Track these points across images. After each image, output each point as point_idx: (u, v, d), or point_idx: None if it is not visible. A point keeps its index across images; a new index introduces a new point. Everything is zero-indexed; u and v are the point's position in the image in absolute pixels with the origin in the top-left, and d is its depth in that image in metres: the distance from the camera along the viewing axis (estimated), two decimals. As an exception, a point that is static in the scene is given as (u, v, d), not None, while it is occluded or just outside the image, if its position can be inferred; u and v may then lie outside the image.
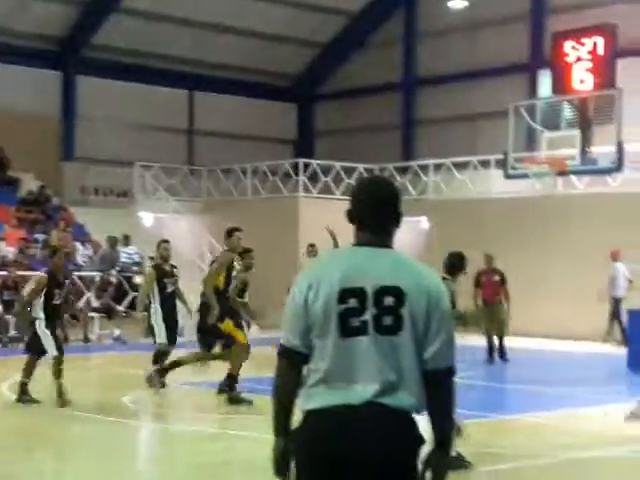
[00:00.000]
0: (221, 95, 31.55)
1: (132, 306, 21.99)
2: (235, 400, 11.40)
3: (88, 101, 28.88)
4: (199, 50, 30.16)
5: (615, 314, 20.25)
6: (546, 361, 18.99)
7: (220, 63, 30.90)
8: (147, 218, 26.81)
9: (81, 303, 21.06)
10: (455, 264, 8.78)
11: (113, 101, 29.29)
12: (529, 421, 10.95)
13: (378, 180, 3.83)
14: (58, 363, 11.20)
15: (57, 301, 11.48)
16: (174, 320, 13.37)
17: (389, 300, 3.49)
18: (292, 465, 3.60)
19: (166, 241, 13.69)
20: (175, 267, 13.61)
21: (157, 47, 29.46)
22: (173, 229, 26.38)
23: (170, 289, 13.25)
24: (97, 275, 21.96)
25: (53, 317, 11.47)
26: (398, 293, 3.49)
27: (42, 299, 11.31)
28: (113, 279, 22.22)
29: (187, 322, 14.87)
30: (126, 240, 23.56)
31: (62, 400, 11.20)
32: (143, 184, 27.10)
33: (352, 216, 3.66)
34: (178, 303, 13.50)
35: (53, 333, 11.31)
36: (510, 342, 17.68)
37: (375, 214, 3.61)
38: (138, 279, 22.84)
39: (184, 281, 24.21)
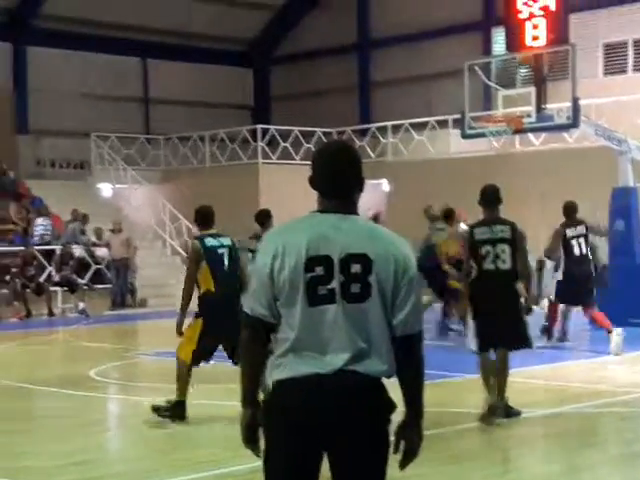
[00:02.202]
0: (175, 62, 31.20)
1: (94, 279, 21.90)
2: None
3: (40, 73, 28.41)
4: (151, 17, 29.74)
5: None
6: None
7: (172, 30, 30.53)
8: (105, 189, 26.63)
9: (42, 277, 20.91)
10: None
11: (65, 72, 28.86)
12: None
13: (339, 145, 3.76)
14: None
15: None
16: None
17: (356, 267, 3.47)
18: (261, 434, 3.61)
19: None
20: None
21: (107, 15, 28.98)
22: (132, 199, 26.28)
23: None
24: (58, 249, 21.77)
25: None
26: (365, 260, 3.48)
27: None
28: (76, 252, 22.04)
29: None
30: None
31: None
32: (100, 155, 26.86)
33: (315, 183, 3.61)
34: None
35: None
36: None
37: (338, 180, 3.56)
38: (99, 252, 22.72)
39: (145, 251, 24.36)
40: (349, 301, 3.48)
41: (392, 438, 3.58)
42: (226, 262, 8.90)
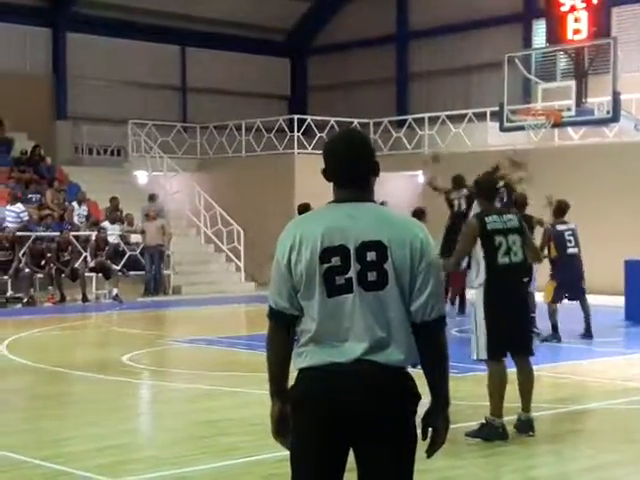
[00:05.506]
0: (213, 51, 31.26)
1: (128, 266, 22.00)
2: None
3: (79, 58, 28.58)
4: (190, 5, 29.83)
5: None
6: (545, 313, 18.98)
7: (212, 18, 30.57)
8: (141, 176, 26.75)
9: (78, 263, 21.03)
10: None
11: (105, 58, 29.01)
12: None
13: (346, 134, 3.70)
14: None
15: None
16: None
17: (371, 255, 3.44)
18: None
19: None
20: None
21: (147, 2, 29.09)
22: (168, 187, 26.38)
23: None
24: (93, 234, 21.90)
25: None
26: (380, 247, 3.44)
27: None
28: (111, 238, 22.15)
29: None
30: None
31: None
32: (137, 142, 26.98)
33: (328, 174, 3.59)
34: None
35: None
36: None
37: (351, 168, 3.53)
38: (133, 238, 22.82)
39: (180, 238, 24.46)
40: (366, 289, 3.44)
41: (419, 431, 3.53)
42: None
